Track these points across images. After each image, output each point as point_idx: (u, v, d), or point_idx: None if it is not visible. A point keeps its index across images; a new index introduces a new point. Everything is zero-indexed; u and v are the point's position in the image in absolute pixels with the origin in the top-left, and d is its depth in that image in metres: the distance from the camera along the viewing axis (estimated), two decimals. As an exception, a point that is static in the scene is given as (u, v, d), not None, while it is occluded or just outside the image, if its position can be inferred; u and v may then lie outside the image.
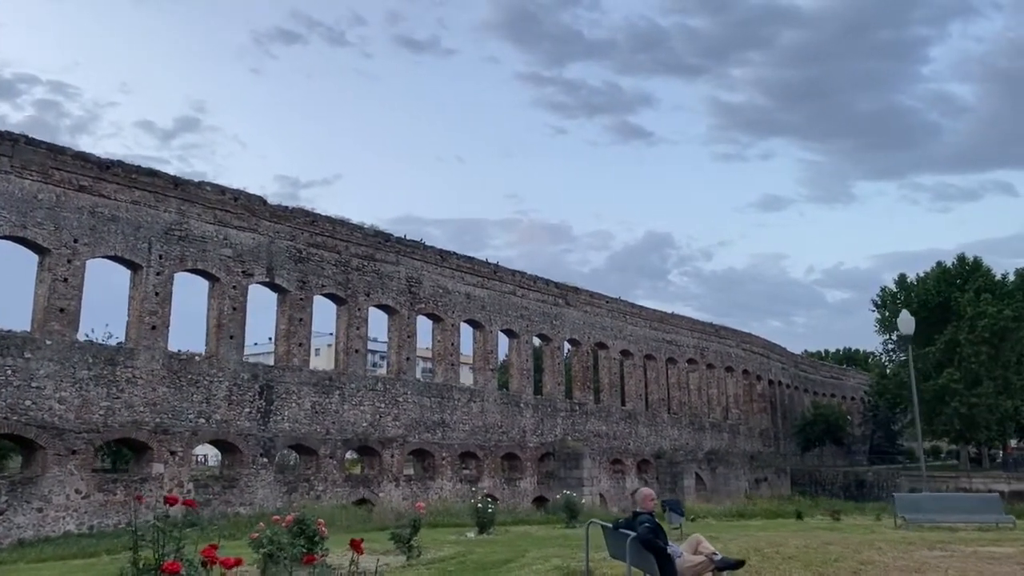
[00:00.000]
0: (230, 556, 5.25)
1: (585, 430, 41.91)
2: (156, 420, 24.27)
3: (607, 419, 43.88)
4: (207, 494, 25.19)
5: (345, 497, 28.89)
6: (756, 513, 21.64)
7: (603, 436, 43.03)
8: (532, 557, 11.03)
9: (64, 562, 13.73)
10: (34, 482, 21.36)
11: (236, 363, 26.97)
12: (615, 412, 44.66)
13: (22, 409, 21.23)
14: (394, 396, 32.19)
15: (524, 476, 37.41)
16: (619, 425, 44.60)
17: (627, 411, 45.82)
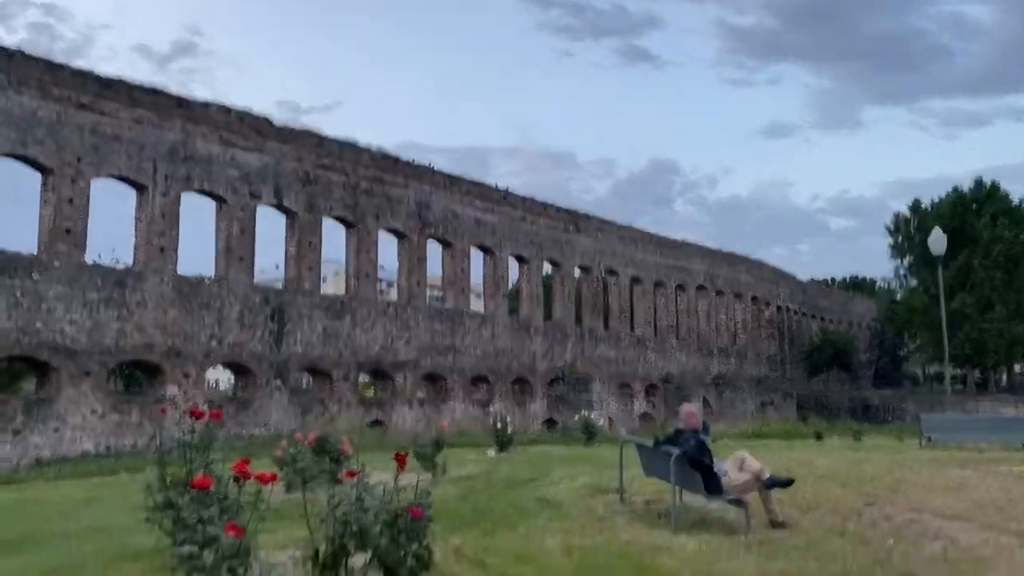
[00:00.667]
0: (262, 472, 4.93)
1: (594, 355, 41.93)
2: (168, 343, 24.11)
3: (616, 345, 43.85)
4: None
5: (359, 419, 29.00)
6: (772, 433, 21.62)
7: (612, 361, 43.07)
8: (559, 475, 10.86)
9: (84, 480, 13.68)
10: (49, 403, 21.34)
11: (246, 286, 26.67)
12: (624, 338, 44.59)
13: (33, 331, 21.04)
14: (405, 321, 32.01)
15: (534, 400, 37.57)
16: (628, 351, 44.60)
17: (636, 337, 45.77)
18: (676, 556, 5.97)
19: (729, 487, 7.14)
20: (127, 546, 6.51)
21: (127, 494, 10.22)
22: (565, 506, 8.26)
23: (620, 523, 7.38)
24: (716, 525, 7.30)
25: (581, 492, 9.25)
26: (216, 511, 4.65)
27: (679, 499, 8.57)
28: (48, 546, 6.71)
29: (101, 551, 6.36)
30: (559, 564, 5.67)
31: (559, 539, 6.60)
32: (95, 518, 8.15)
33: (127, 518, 8.03)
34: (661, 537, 6.67)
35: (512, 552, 6.04)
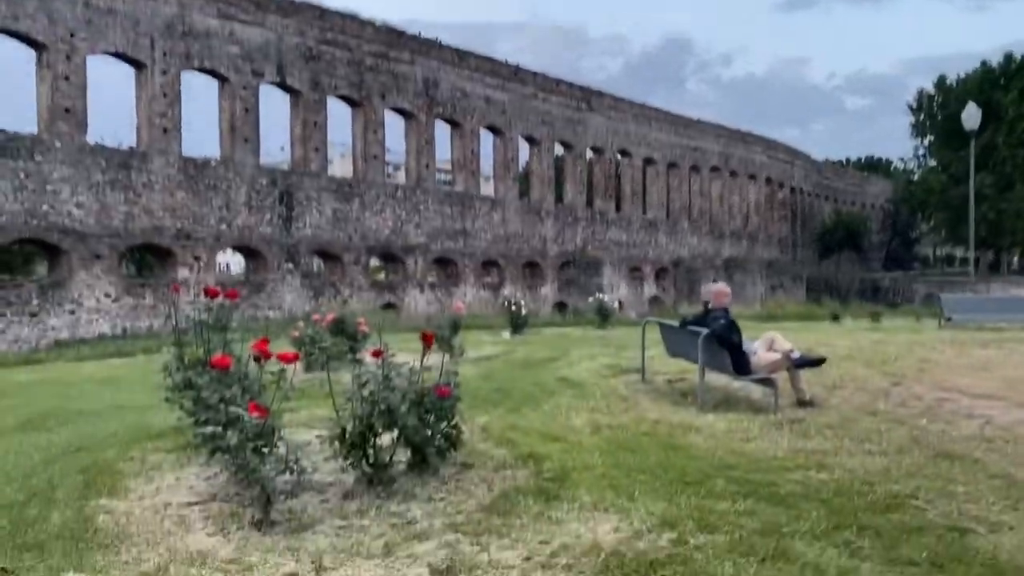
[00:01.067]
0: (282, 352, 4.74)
1: (605, 239, 41.63)
2: (177, 226, 23.89)
3: (627, 228, 43.45)
4: (235, 299, 25.29)
5: (371, 302, 29.11)
6: (787, 315, 21.55)
7: (623, 245, 42.79)
8: (577, 356, 10.79)
9: (103, 361, 13.76)
10: (63, 286, 21.36)
11: (253, 168, 26.16)
12: (636, 221, 44.13)
13: (41, 214, 20.80)
14: (415, 204, 31.58)
15: (545, 283, 37.57)
16: (639, 234, 44.24)
17: (648, 220, 45.28)
18: (706, 435, 5.87)
19: (758, 367, 6.98)
20: (149, 425, 6.46)
21: (146, 374, 10.22)
22: (587, 386, 8.17)
23: (644, 402, 7.29)
24: (742, 405, 7.20)
25: (602, 372, 9.16)
26: (238, 391, 4.48)
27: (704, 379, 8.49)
28: (71, 424, 6.68)
29: (123, 429, 6.31)
30: (588, 443, 5.56)
31: (585, 418, 6.50)
32: (115, 397, 8.13)
33: (147, 397, 8.00)
34: (688, 416, 6.57)
35: (539, 431, 5.95)
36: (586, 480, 4.60)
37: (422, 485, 4.63)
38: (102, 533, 3.83)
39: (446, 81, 32.89)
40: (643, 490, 4.39)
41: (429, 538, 3.73)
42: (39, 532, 3.85)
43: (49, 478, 4.86)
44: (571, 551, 3.53)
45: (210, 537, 3.79)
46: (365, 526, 3.95)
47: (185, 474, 4.95)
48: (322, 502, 4.34)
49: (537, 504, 4.19)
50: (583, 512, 4.07)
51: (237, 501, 4.31)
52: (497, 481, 4.69)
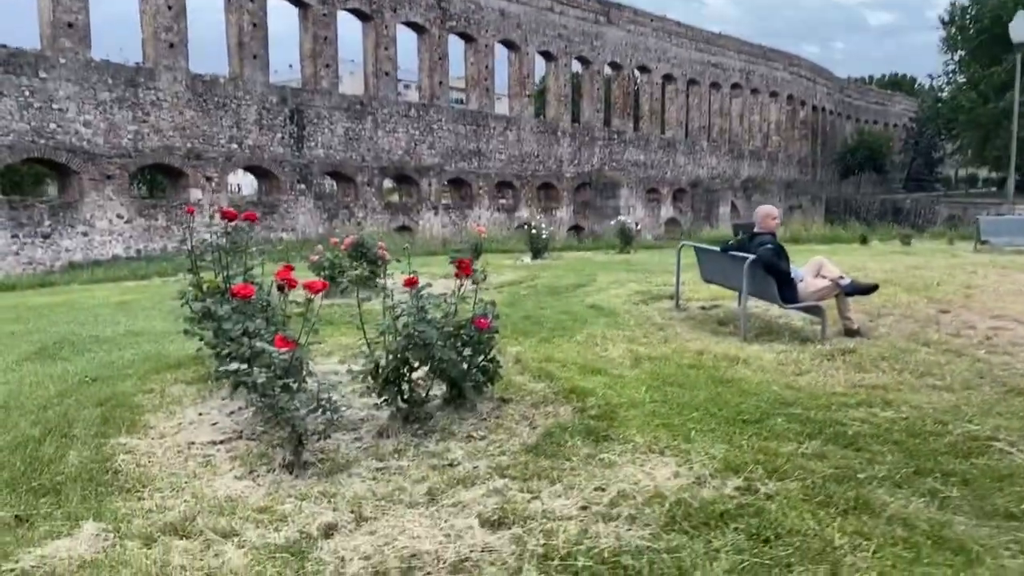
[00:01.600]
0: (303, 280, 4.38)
1: (623, 159, 40.73)
2: (187, 145, 23.36)
3: (645, 148, 42.44)
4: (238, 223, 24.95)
5: (385, 224, 28.74)
6: (812, 238, 20.98)
7: (640, 165, 41.88)
8: (604, 282, 10.41)
9: (117, 284, 13.52)
10: (74, 207, 21.04)
11: (263, 85, 25.39)
12: (654, 141, 43.07)
13: (48, 133, 20.31)
14: (428, 123, 30.78)
15: (560, 206, 36.95)
16: (657, 154, 43.25)
17: (666, 139, 44.19)
18: (755, 367, 5.53)
19: (804, 294, 6.59)
20: (166, 354, 6.20)
21: (160, 299, 9.97)
22: (620, 314, 7.82)
23: (683, 331, 6.94)
24: (785, 334, 6.84)
25: (633, 299, 8.80)
26: (262, 323, 4.16)
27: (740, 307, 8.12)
28: (87, 352, 6.41)
29: (141, 359, 6.04)
30: (631, 376, 5.24)
31: (623, 348, 6.18)
32: (131, 324, 7.86)
33: (163, 324, 7.75)
34: (731, 346, 6.23)
35: (576, 363, 5.63)
36: (635, 418, 4.29)
37: (459, 422, 4.34)
38: (122, 476, 3.57)
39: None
40: (699, 430, 4.08)
41: (475, 483, 3.44)
42: (55, 473, 3.60)
43: (65, 412, 4.61)
44: (631, 500, 3.24)
45: (238, 481, 3.53)
46: (404, 468, 3.67)
47: (207, 409, 4.68)
48: (355, 440, 4.07)
49: (586, 445, 3.90)
50: (637, 454, 3.77)
51: (264, 440, 4.03)
52: (539, 418, 4.39)
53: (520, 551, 2.81)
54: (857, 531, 2.94)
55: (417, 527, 3.00)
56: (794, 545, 2.83)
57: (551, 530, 2.95)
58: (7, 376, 5.64)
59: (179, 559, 2.75)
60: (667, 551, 2.79)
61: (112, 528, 3.01)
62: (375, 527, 3.02)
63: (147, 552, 2.80)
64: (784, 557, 2.75)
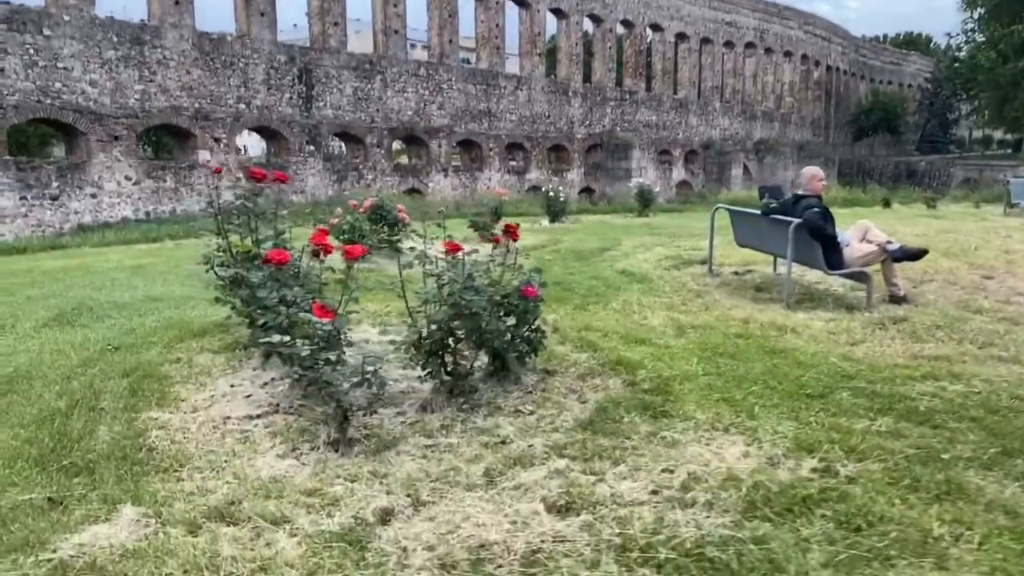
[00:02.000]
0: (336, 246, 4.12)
1: (634, 120, 40.10)
2: (195, 105, 22.94)
3: (657, 109, 41.75)
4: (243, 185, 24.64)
5: (395, 186, 28.38)
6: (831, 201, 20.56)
7: (652, 126, 41.25)
8: (630, 246, 10.14)
9: (129, 247, 13.30)
10: (82, 168, 20.74)
11: (271, 44, 24.86)
12: (666, 101, 42.35)
13: (53, 92, 19.93)
14: (438, 83, 30.22)
15: (571, 168, 36.46)
16: (669, 115, 42.56)
17: (678, 100, 43.44)
18: (806, 337, 5.30)
19: (851, 259, 6.32)
20: (189, 320, 5.97)
21: (176, 262, 9.75)
22: (652, 279, 7.57)
23: (722, 298, 6.70)
24: (828, 301, 6.59)
25: (663, 264, 8.54)
26: (299, 291, 3.92)
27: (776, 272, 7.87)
28: (106, 319, 6.20)
29: (163, 325, 5.82)
30: (677, 346, 5.01)
31: (663, 316, 5.94)
32: (149, 288, 7.63)
33: (182, 288, 7.54)
34: (776, 314, 5.98)
35: (617, 332, 5.40)
36: (691, 392, 4.06)
37: (504, 395, 4.12)
38: (158, 454, 3.37)
39: (469, -53, 30.78)
40: (762, 405, 3.86)
41: (532, 463, 3.23)
42: (86, 451, 3.40)
43: (90, 383, 4.40)
44: (703, 483, 3.02)
45: (281, 460, 3.32)
46: (454, 446, 3.46)
47: (238, 380, 4.47)
48: (398, 415, 3.86)
49: (644, 422, 3.68)
50: (700, 432, 3.55)
51: (303, 414, 3.83)
52: (588, 391, 4.18)
53: (595, 541, 2.60)
54: (956, 519, 2.72)
55: (480, 513, 2.79)
56: (890, 535, 2.62)
57: (624, 517, 2.74)
58: (26, 344, 5.43)
59: (228, 549, 2.55)
60: (753, 541, 2.58)
61: (153, 512, 2.81)
62: (434, 512, 2.82)
63: (193, 541, 2.60)
64: (882, 549, 2.54)
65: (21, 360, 4.94)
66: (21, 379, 4.54)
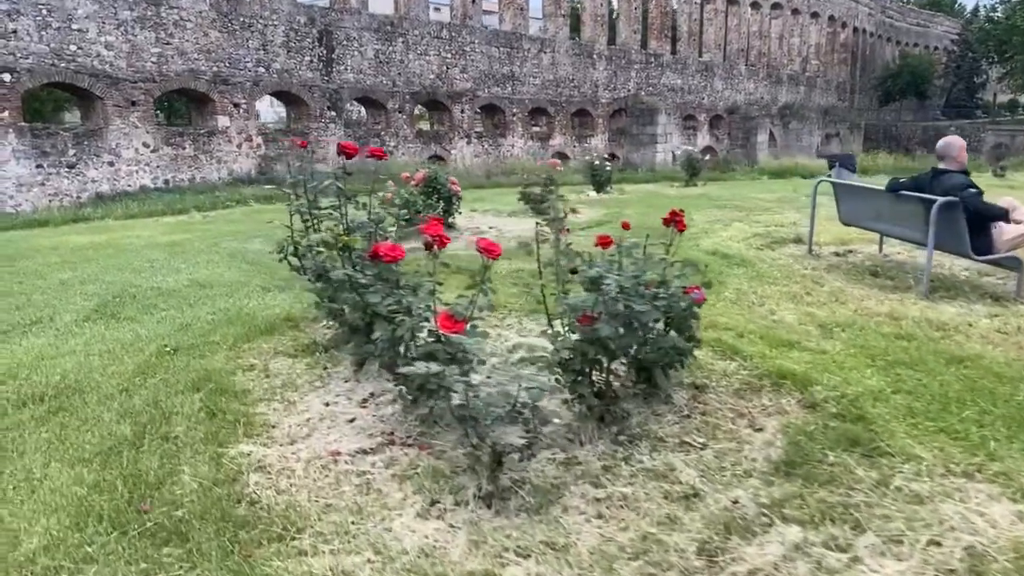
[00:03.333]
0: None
1: (659, 84, 38.88)
2: (213, 69, 22.04)
3: (683, 72, 40.46)
4: (278, 148, 23.85)
5: (417, 153, 27.52)
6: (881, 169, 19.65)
7: (677, 91, 40.02)
8: (702, 221, 9.34)
9: (156, 220, 12.57)
10: (99, 135, 19.95)
11: (290, 4, 23.83)
12: (691, 64, 41.03)
13: (69, 55, 19.06)
14: (460, 45, 29.14)
15: (595, 134, 35.42)
16: (695, 79, 41.28)
17: (704, 64, 42.10)
18: (976, 338, 4.53)
19: (999, 241, 5.53)
20: (250, 313, 5.24)
21: (213, 239, 9.01)
22: (752, 262, 6.79)
23: (843, 285, 5.92)
24: (963, 289, 5.81)
25: (753, 243, 7.76)
26: (422, 294, 3.18)
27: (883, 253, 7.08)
28: (153, 310, 5.48)
29: (222, 320, 5.10)
30: (837, 352, 4.25)
31: (792, 310, 5.18)
32: (192, 270, 6.91)
33: (229, 271, 6.81)
34: (926, 308, 5.21)
35: (753, 331, 4.64)
36: (893, 419, 3.32)
37: (656, 419, 3.39)
38: (263, 510, 2.65)
39: (493, -97, 29.49)
40: (993, 437, 3.11)
41: (752, 531, 2.50)
42: (171, 504, 2.69)
43: (154, 398, 3.69)
44: (993, 562, 2.29)
45: (423, 520, 2.60)
46: (631, 498, 2.73)
47: (331, 396, 3.74)
48: (547, 447, 3.13)
49: (860, 463, 2.94)
50: (939, 480, 2.81)
51: (424, 446, 3.11)
52: (758, 415, 3.44)
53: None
54: None
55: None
56: None
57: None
58: (70, 342, 4.72)
59: None
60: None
61: (283, 612, 2.10)
62: (659, 614, 2.10)
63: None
64: None
65: (67, 365, 4.23)
66: (71, 391, 3.83)
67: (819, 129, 50.03)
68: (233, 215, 12.45)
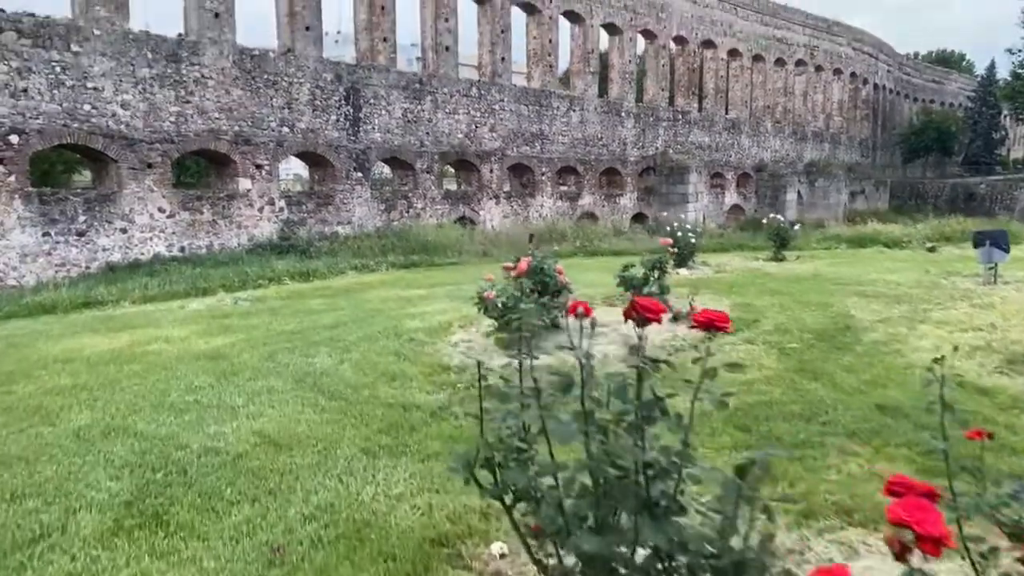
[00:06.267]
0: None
1: (687, 142, 37.66)
2: (235, 129, 20.61)
3: (710, 129, 39.31)
4: (301, 212, 22.31)
5: (445, 215, 26.04)
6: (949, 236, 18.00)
7: (705, 148, 38.78)
8: (867, 319, 7.54)
9: (181, 304, 10.80)
10: (112, 200, 18.39)
11: (316, 61, 22.55)
12: (719, 121, 39.92)
13: (83, 115, 17.61)
14: (489, 103, 27.90)
15: (624, 192, 34.02)
16: (722, 136, 40.12)
17: (731, 120, 41.01)
18: None
19: None
20: (370, 520, 3.42)
21: (264, 345, 7.20)
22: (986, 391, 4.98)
23: None
24: None
25: (987, 364, 5.93)
26: None
27: None
28: (215, 502, 3.67)
29: (324, 537, 3.28)
30: None
31: None
32: (253, 409, 5.11)
33: (304, 412, 4.99)
34: None
35: None
36: None
37: None
38: None
39: (523, -43, 28.60)
40: None
41: None
42: None
43: None
44: None
45: None
46: None
47: None
48: None
49: None
50: None
51: None
52: None
53: None
54: None
55: None
56: None
57: None
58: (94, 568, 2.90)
59: None
60: None
61: None
62: None
63: None
64: None
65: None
66: None
67: (846, 187, 48.80)
68: (272, 301, 10.71)
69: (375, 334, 7.34)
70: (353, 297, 10.44)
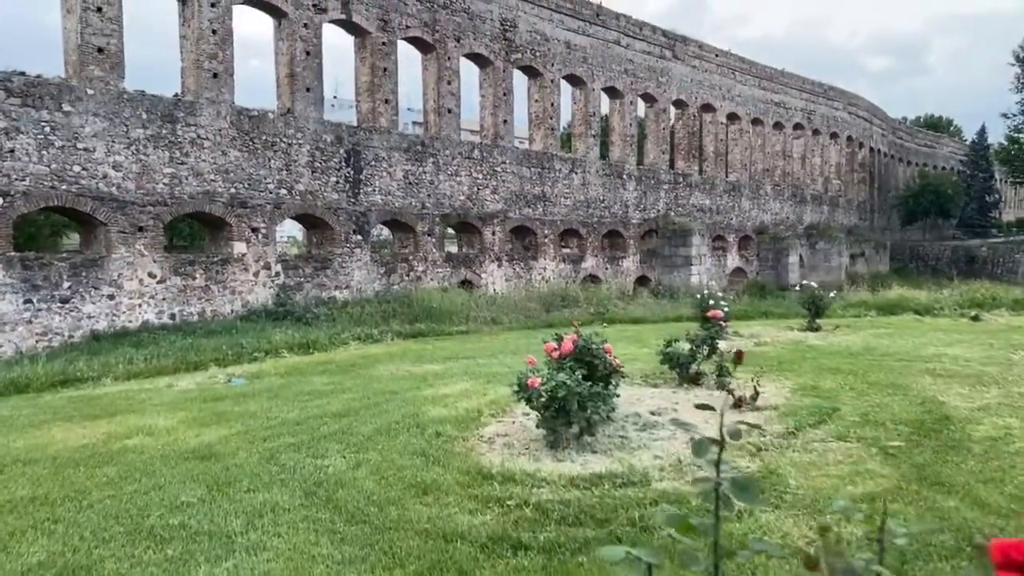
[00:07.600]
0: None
1: (688, 204, 37.20)
2: (231, 191, 19.82)
3: (711, 192, 38.93)
4: (297, 276, 21.36)
5: (447, 278, 25.14)
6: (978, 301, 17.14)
7: (706, 211, 38.32)
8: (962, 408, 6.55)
9: (168, 382, 9.73)
10: (99, 265, 17.43)
11: (316, 122, 21.94)
12: (719, 184, 39.58)
13: (71, 177, 16.78)
14: (492, 166, 27.33)
15: (627, 255, 33.31)
16: (722, 198, 39.73)
17: (731, 183, 40.70)
18: None
19: None
20: None
21: (264, 442, 6.14)
22: None
23: None
24: None
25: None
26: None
27: None
28: None
29: None
30: None
31: None
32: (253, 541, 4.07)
33: (319, 545, 3.92)
34: None
35: None
36: None
37: None
38: None
39: (524, 22, 28.44)
40: None
41: None
42: None
43: None
44: None
45: None
46: None
47: None
48: None
49: None
50: None
51: None
52: None
53: None
54: None
55: None
56: None
57: None
58: None
59: None
60: None
61: None
62: None
63: None
64: None
65: None
66: None
67: (847, 249, 48.37)
68: (269, 379, 9.64)
69: (393, 426, 6.32)
70: (360, 374, 9.41)
